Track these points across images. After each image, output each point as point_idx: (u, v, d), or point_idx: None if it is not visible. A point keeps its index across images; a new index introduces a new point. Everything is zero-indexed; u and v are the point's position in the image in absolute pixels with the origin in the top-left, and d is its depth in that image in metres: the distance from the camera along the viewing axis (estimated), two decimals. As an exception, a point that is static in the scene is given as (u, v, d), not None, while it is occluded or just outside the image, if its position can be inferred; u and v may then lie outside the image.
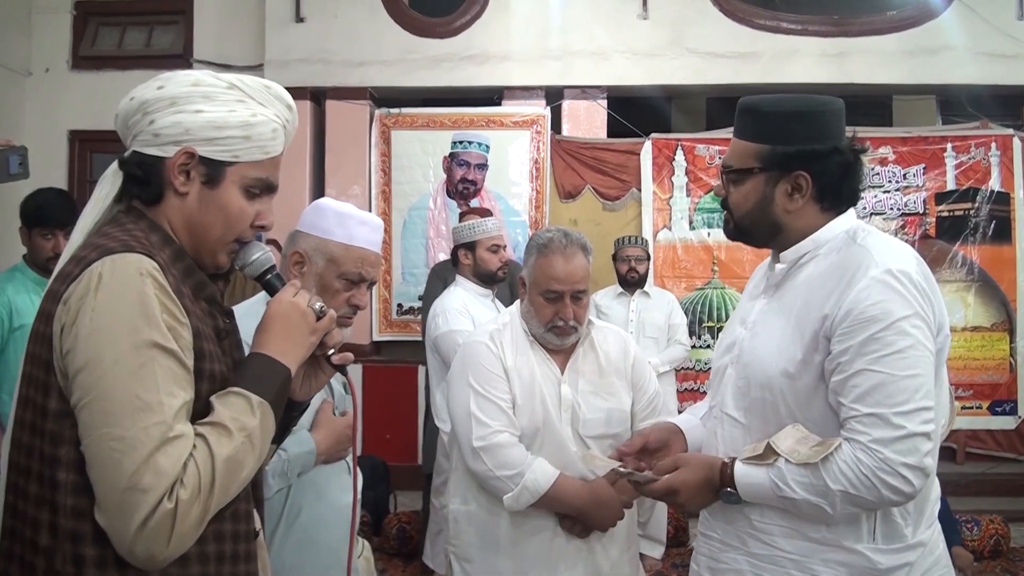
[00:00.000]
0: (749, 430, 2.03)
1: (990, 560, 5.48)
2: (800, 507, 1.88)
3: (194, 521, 1.38)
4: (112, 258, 1.43)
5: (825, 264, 1.98)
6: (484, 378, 2.68)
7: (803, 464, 1.85)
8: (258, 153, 1.61)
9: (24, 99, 7.26)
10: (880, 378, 1.81)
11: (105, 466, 1.35)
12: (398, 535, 5.61)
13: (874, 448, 1.80)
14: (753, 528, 1.99)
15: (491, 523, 2.70)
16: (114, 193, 1.60)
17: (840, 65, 7.01)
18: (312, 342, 1.66)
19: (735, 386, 2.08)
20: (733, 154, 2.08)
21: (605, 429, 2.72)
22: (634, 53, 7.12)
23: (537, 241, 2.75)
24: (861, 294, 1.85)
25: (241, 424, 1.47)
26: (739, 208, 2.08)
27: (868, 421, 1.81)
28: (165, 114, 1.55)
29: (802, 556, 1.93)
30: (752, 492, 1.93)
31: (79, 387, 1.38)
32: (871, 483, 1.80)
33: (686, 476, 2.02)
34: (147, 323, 1.40)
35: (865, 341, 1.82)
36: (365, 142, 7.21)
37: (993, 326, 6.93)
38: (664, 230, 7.15)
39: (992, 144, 6.95)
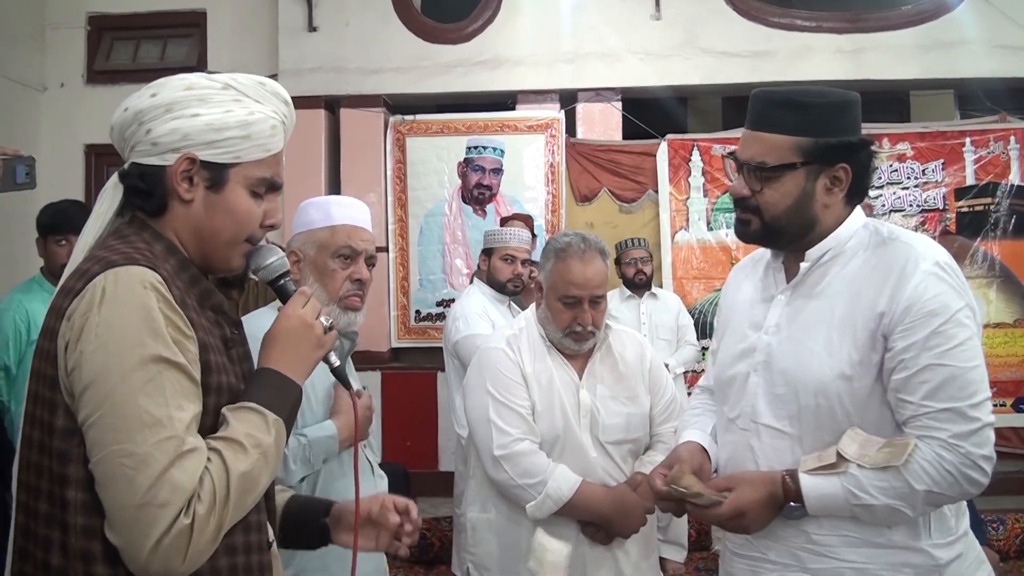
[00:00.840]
0: (799, 440, 1.95)
1: (1016, 560, 5.42)
2: (877, 513, 1.84)
3: (210, 536, 1.37)
4: (115, 271, 1.41)
5: (859, 261, 1.95)
6: (503, 385, 2.66)
7: (881, 468, 1.81)
8: (259, 151, 1.58)
9: (40, 114, 7.29)
10: (949, 372, 1.80)
11: (117, 483, 1.33)
12: (419, 542, 5.59)
13: (954, 444, 1.78)
14: (812, 543, 1.92)
15: (512, 531, 2.68)
16: (115, 207, 1.58)
17: (856, 61, 6.95)
18: (318, 357, 1.66)
19: (770, 395, 2.00)
20: (766, 150, 1.96)
21: (625, 434, 2.69)
22: (647, 54, 7.09)
23: (555, 246, 2.74)
24: (918, 289, 1.83)
25: (256, 441, 1.46)
26: (774, 207, 1.97)
27: (943, 417, 1.80)
28: (161, 121, 1.52)
29: (867, 563, 1.89)
30: (822, 504, 1.87)
31: (86, 404, 1.36)
32: (954, 479, 1.78)
33: (752, 495, 1.92)
34: (153, 337, 1.38)
35: (929, 336, 1.81)
36: (380, 149, 7.21)
37: (1016, 322, 6.85)
38: (681, 231, 7.11)
39: (1011, 138, 6.88)
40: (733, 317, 2.20)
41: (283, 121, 1.64)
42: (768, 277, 2.13)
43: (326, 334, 1.66)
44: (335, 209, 2.48)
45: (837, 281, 1.96)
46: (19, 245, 5.97)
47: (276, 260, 1.71)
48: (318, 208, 2.50)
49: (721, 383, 2.17)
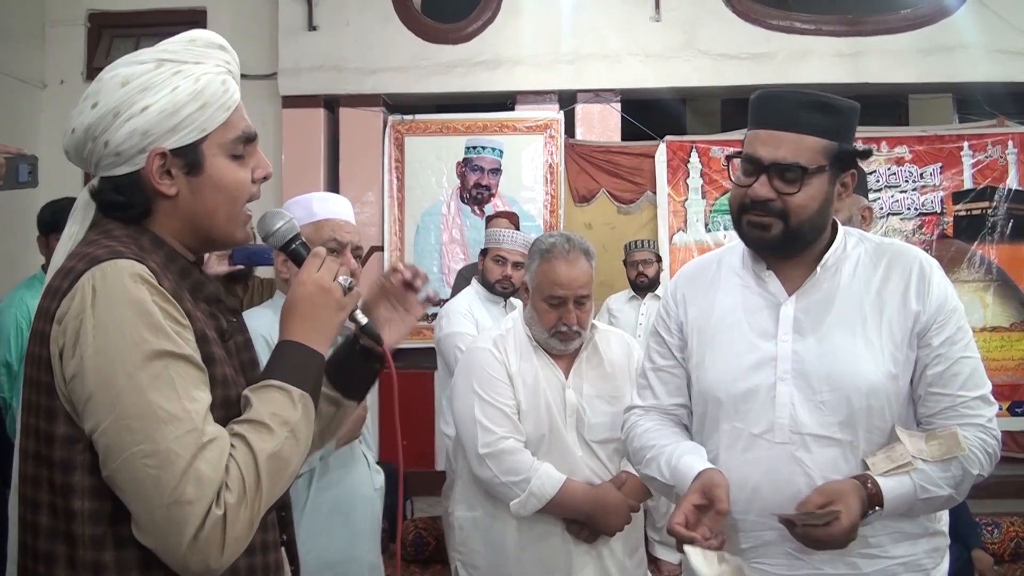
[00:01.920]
0: (853, 445, 1.93)
1: (1011, 563, 5.41)
2: (935, 504, 1.92)
3: (245, 524, 1.32)
4: (101, 267, 1.34)
5: (866, 263, 2.01)
6: (488, 384, 2.68)
7: (943, 460, 1.88)
8: (221, 113, 1.48)
9: (39, 111, 7.29)
10: (973, 363, 1.94)
11: (142, 485, 1.27)
12: (415, 541, 5.60)
13: (990, 427, 1.93)
14: (868, 546, 1.92)
15: (497, 529, 2.70)
16: (85, 228, 1.50)
17: (855, 64, 6.96)
18: (340, 320, 1.57)
19: (812, 403, 1.94)
20: (799, 151, 1.90)
21: (610, 433, 2.71)
22: (647, 56, 7.10)
23: (540, 246, 2.75)
24: (942, 287, 1.97)
25: (283, 419, 1.40)
26: (803, 210, 1.92)
27: (976, 404, 1.93)
28: (115, 129, 1.43)
29: (910, 556, 1.96)
30: (896, 503, 1.86)
31: (94, 412, 1.29)
32: (990, 459, 1.92)
33: (857, 507, 1.82)
34: (152, 331, 1.31)
35: (956, 331, 1.94)
36: (379, 149, 7.22)
37: (1012, 326, 6.86)
38: (680, 232, 7.12)
39: (1009, 142, 6.88)
40: (723, 328, 2.09)
41: (228, 70, 1.53)
42: (760, 284, 2.07)
43: (346, 294, 1.57)
44: (317, 205, 2.54)
45: (851, 284, 2.00)
46: (19, 242, 5.96)
47: (284, 224, 1.64)
48: (300, 206, 2.54)
49: (732, 397, 2.03)
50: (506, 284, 4.50)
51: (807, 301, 2.00)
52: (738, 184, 2.00)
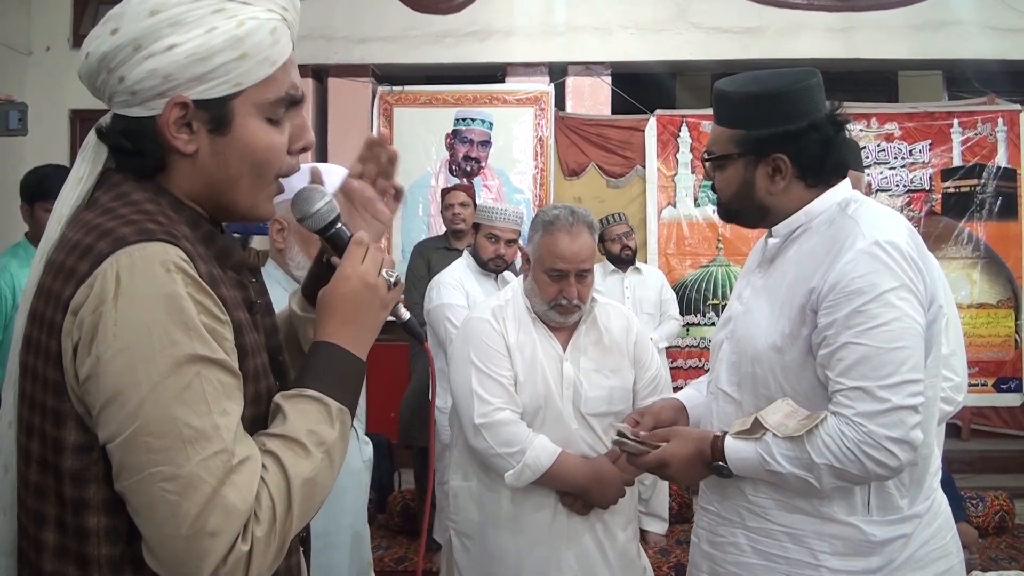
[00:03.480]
0: (741, 405, 2.03)
1: (995, 536, 5.48)
2: (788, 481, 1.88)
3: (273, 556, 1.17)
4: (128, 252, 1.14)
5: (817, 237, 1.97)
6: (486, 355, 2.67)
7: (789, 438, 1.85)
8: (264, 68, 1.25)
9: (25, 78, 7.22)
10: (864, 351, 1.80)
11: (159, 511, 1.10)
12: (402, 513, 5.62)
13: (858, 421, 1.79)
14: (748, 502, 2.00)
15: (492, 499, 2.70)
16: (96, 173, 1.29)
17: (846, 40, 6.95)
18: (382, 320, 1.40)
19: (728, 361, 2.09)
20: (713, 140, 2.09)
21: (607, 407, 2.71)
22: (639, 28, 7.07)
23: (543, 218, 2.73)
24: (847, 267, 1.84)
25: (319, 438, 1.23)
26: (723, 192, 2.09)
27: (853, 395, 1.81)
28: (133, 64, 1.21)
29: (797, 529, 1.93)
30: (742, 466, 1.93)
31: (111, 421, 1.12)
32: (855, 457, 1.79)
33: (676, 449, 2.03)
34: (184, 332, 1.13)
35: (850, 314, 1.81)
36: (367, 120, 7.18)
37: (999, 303, 6.91)
38: (669, 207, 7.12)
39: (999, 120, 6.90)
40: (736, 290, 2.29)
41: (284, 18, 1.29)
42: (759, 252, 2.19)
43: (390, 291, 1.40)
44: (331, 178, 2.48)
45: (796, 257, 2.00)
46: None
47: (324, 205, 1.43)
48: (300, 175, 2.49)
49: (711, 349, 2.27)
50: (499, 262, 4.46)
51: (768, 269, 2.08)
52: None
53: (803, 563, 1.92)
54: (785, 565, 1.94)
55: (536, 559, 2.66)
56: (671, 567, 4.86)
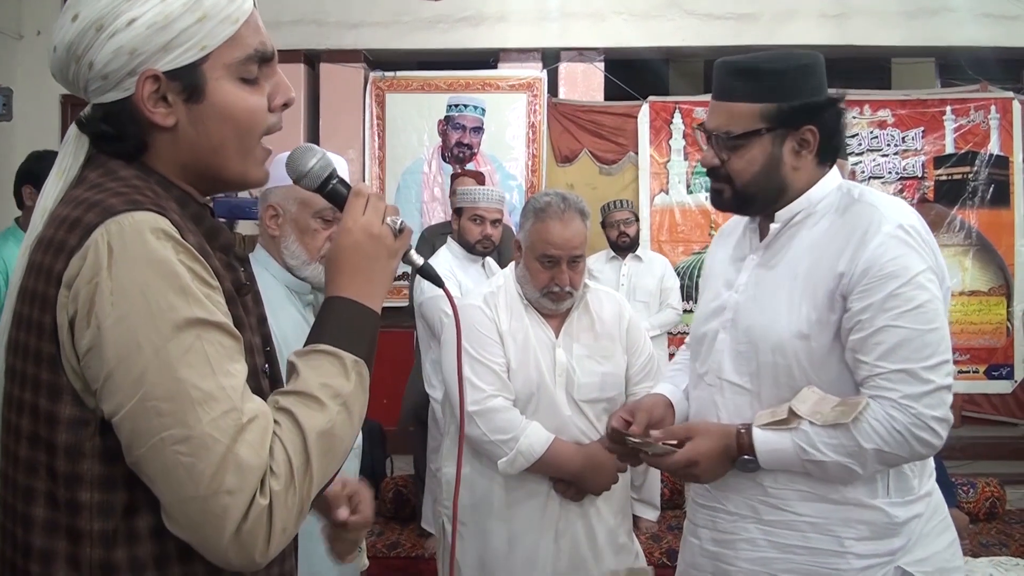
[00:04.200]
0: (758, 396, 1.99)
1: (986, 522, 5.50)
2: (827, 469, 1.87)
3: (294, 512, 1.17)
4: (117, 220, 1.13)
5: (827, 223, 1.97)
6: (478, 342, 2.66)
7: (831, 425, 1.84)
8: (227, 27, 1.24)
9: (15, 63, 7.16)
10: (905, 334, 1.81)
11: (174, 475, 1.10)
12: (395, 499, 5.62)
13: (905, 404, 1.81)
14: (767, 495, 1.97)
15: (485, 487, 2.70)
16: (78, 165, 1.28)
17: (839, 26, 6.94)
18: (394, 267, 1.38)
19: (734, 351, 2.04)
20: (731, 119, 1.98)
21: (599, 393, 2.70)
22: (632, 14, 7.05)
23: (534, 205, 2.72)
24: (878, 251, 1.84)
25: (334, 391, 1.23)
26: (743, 174, 1.99)
27: (896, 377, 1.82)
28: (99, 47, 1.20)
29: (821, 518, 1.92)
30: (773, 458, 1.91)
31: (115, 391, 1.11)
32: (903, 439, 1.81)
33: (705, 446, 1.95)
34: (181, 296, 1.13)
35: (886, 298, 1.82)
36: (360, 106, 7.16)
37: (990, 290, 6.92)
38: (661, 194, 7.12)
39: (992, 107, 6.90)
40: (711, 277, 2.24)
41: None
42: (744, 238, 2.16)
43: (397, 237, 1.38)
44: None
45: (804, 242, 1.99)
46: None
47: (317, 163, 1.41)
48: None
49: (695, 340, 2.21)
50: (486, 243, 4.43)
51: (764, 255, 2.05)
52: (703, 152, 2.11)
53: (827, 552, 1.92)
54: (807, 555, 1.94)
55: (529, 545, 2.66)
56: (662, 552, 4.88)
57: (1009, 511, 5.69)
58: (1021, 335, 6.89)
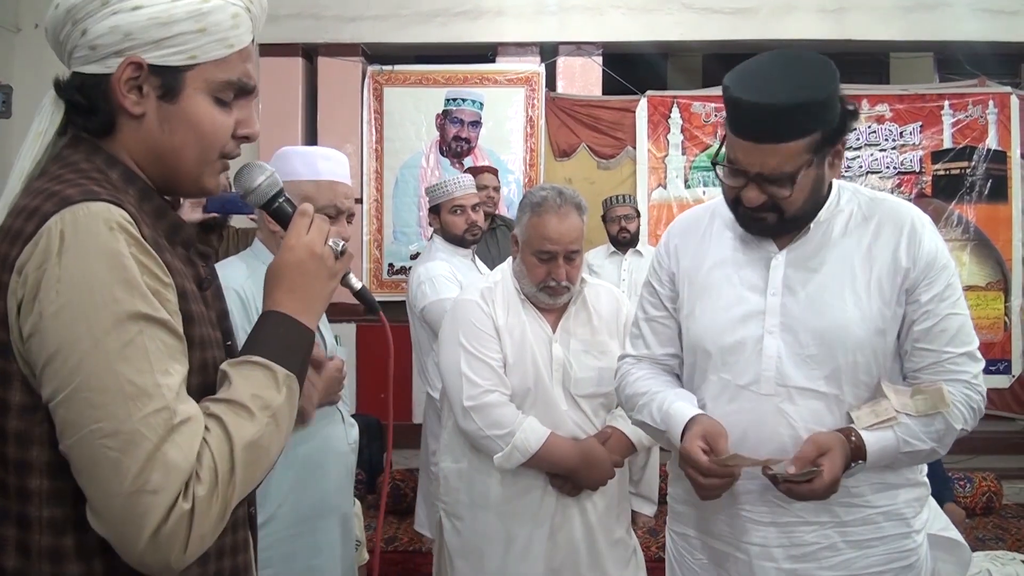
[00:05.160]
0: (838, 399, 1.97)
1: (982, 517, 5.53)
2: (918, 457, 1.98)
3: (214, 519, 1.16)
4: (72, 210, 1.15)
5: (858, 219, 2.02)
6: (475, 337, 2.67)
7: (927, 415, 1.92)
8: (220, 48, 1.30)
9: (13, 55, 7.14)
10: (961, 320, 1.96)
11: (100, 469, 1.11)
12: (392, 492, 5.64)
13: (975, 383, 1.96)
14: (849, 496, 1.98)
15: (482, 481, 2.71)
16: (55, 128, 1.31)
17: (838, 21, 6.93)
18: (332, 288, 1.42)
19: (799, 356, 1.97)
20: (782, 160, 1.86)
21: (596, 388, 2.71)
22: (630, 8, 7.04)
23: (531, 199, 2.72)
24: (932, 244, 1.97)
25: (264, 402, 1.24)
26: (795, 203, 1.92)
27: (962, 360, 1.95)
28: (99, 18, 1.24)
29: (891, 505, 2.01)
30: (878, 457, 1.93)
31: (52, 378, 1.12)
32: (975, 414, 1.96)
33: (836, 464, 1.86)
34: (127, 290, 1.14)
35: (945, 288, 1.95)
36: (357, 100, 7.14)
37: (988, 285, 6.92)
38: (659, 189, 7.10)
39: (990, 102, 6.89)
40: (711, 280, 2.12)
41: (247, 7, 1.34)
42: (748, 238, 2.08)
43: (338, 259, 1.42)
44: (321, 163, 2.41)
45: (844, 240, 2.01)
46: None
47: (265, 180, 1.46)
48: (303, 160, 2.43)
49: (720, 349, 2.07)
50: (475, 231, 4.34)
51: (797, 256, 2.02)
52: (727, 184, 1.99)
53: (898, 536, 2.01)
54: (881, 545, 2.00)
55: (525, 540, 2.67)
56: (660, 547, 4.88)
57: (1006, 505, 5.71)
58: (1018, 330, 6.89)
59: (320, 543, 2.46)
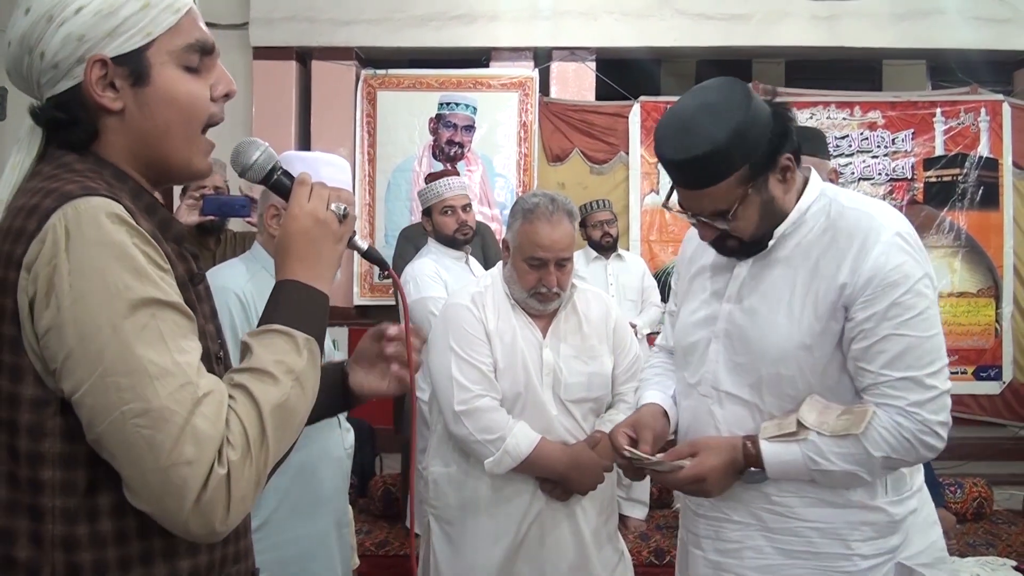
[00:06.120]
0: (759, 407, 1.99)
1: (973, 523, 5.52)
2: (835, 478, 1.89)
3: (251, 481, 1.20)
4: (74, 204, 1.18)
5: (818, 231, 1.95)
6: (466, 342, 2.66)
7: (841, 435, 1.85)
8: (168, 15, 1.31)
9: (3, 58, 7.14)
10: (908, 342, 1.83)
11: (135, 448, 1.14)
12: (384, 497, 5.61)
13: (912, 411, 1.83)
14: (771, 503, 1.98)
15: (471, 486, 2.70)
16: (32, 157, 1.33)
17: (830, 27, 6.95)
18: (340, 251, 1.45)
19: (731, 363, 2.03)
20: (715, 200, 1.90)
21: (586, 393, 2.71)
22: (624, 14, 7.05)
23: (523, 206, 2.72)
24: (880, 259, 1.84)
25: (287, 367, 1.28)
26: (747, 229, 1.95)
27: (902, 385, 1.84)
28: (49, 36, 1.27)
29: (827, 523, 1.94)
30: (782, 469, 1.92)
31: (75, 370, 1.15)
32: (911, 445, 1.83)
33: (713, 461, 1.95)
34: (136, 277, 1.17)
35: (889, 306, 1.83)
36: (351, 103, 7.14)
37: (979, 292, 6.94)
38: (651, 194, 7.11)
39: (981, 110, 6.92)
40: (695, 284, 2.20)
41: None
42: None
43: (342, 222, 1.44)
44: (324, 169, 2.37)
45: (797, 251, 1.97)
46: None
47: (261, 155, 1.48)
48: (306, 164, 2.40)
49: (682, 348, 2.19)
50: (465, 230, 4.37)
51: (755, 267, 2.03)
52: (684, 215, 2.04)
53: (835, 555, 1.94)
54: (813, 560, 1.96)
55: (515, 545, 2.67)
56: (650, 551, 4.88)
57: (996, 511, 5.71)
58: (1009, 336, 6.92)
59: (315, 549, 2.46)
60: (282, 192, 1.49)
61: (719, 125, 1.85)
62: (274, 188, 1.50)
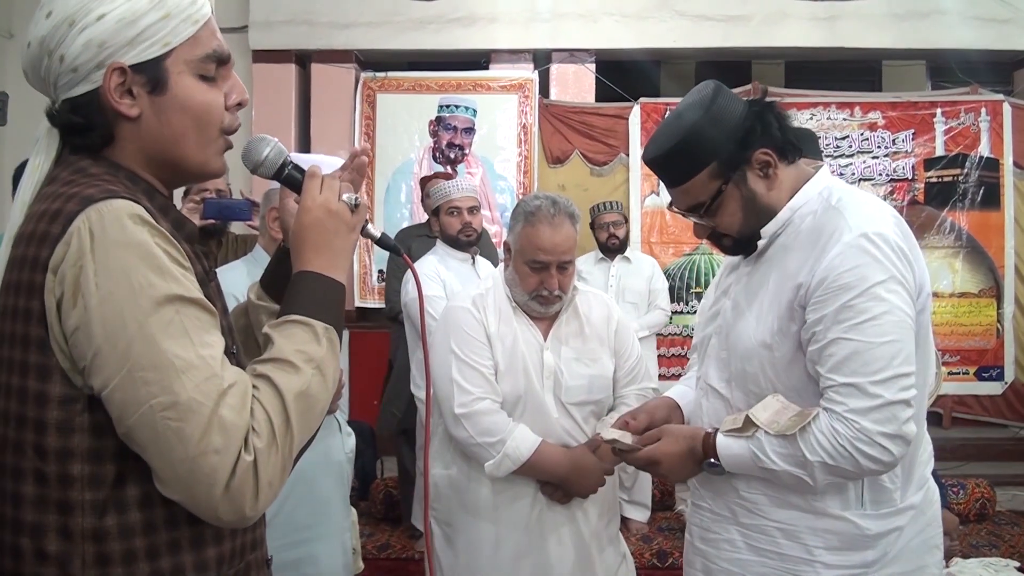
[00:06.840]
0: (730, 402, 2.03)
1: (976, 523, 5.52)
2: (781, 478, 1.88)
3: (278, 467, 1.25)
4: (96, 207, 1.21)
5: (805, 230, 1.94)
6: (466, 344, 2.65)
7: (781, 435, 1.84)
8: (187, 27, 1.34)
9: (6, 62, 7.12)
10: (855, 346, 1.78)
11: (165, 440, 1.18)
12: (385, 500, 5.61)
13: (850, 418, 1.77)
14: (741, 499, 1.99)
15: (472, 488, 2.69)
16: (52, 157, 1.36)
17: (830, 28, 6.95)
18: (354, 240, 1.49)
19: (717, 357, 2.08)
20: (692, 195, 1.99)
21: (587, 396, 2.70)
22: (623, 16, 7.06)
23: (524, 208, 2.70)
24: (834, 261, 1.81)
25: (307, 356, 1.32)
26: (733, 226, 2.00)
27: (844, 391, 1.78)
28: (70, 40, 1.29)
29: (790, 525, 1.93)
30: (734, 463, 1.93)
31: (104, 366, 1.19)
32: (848, 453, 1.77)
33: (668, 447, 2.03)
34: (160, 275, 1.21)
35: (839, 309, 1.79)
36: (350, 106, 7.14)
37: (980, 292, 6.94)
38: (652, 196, 7.11)
39: (982, 110, 6.92)
40: (719, 282, 2.26)
41: None
42: None
43: (354, 212, 1.48)
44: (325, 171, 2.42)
45: (779, 250, 1.98)
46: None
47: (271, 151, 1.50)
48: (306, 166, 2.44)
49: (697, 344, 2.27)
50: (469, 232, 4.41)
51: (753, 264, 2.06)
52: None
53: (797, 559, 1.92)
54: (779, 560, 1.94)
55: (516, 547, 2.66)
56: (653, 554, 4.87)
57: (999, 512, 5.70)
58: (1011, 336, 6.91)
59: (318, 552, 2.45)
60: (294, 186, 1.52)
61: (676, 125, 1.96)
62: (286, 182, 1.54)
